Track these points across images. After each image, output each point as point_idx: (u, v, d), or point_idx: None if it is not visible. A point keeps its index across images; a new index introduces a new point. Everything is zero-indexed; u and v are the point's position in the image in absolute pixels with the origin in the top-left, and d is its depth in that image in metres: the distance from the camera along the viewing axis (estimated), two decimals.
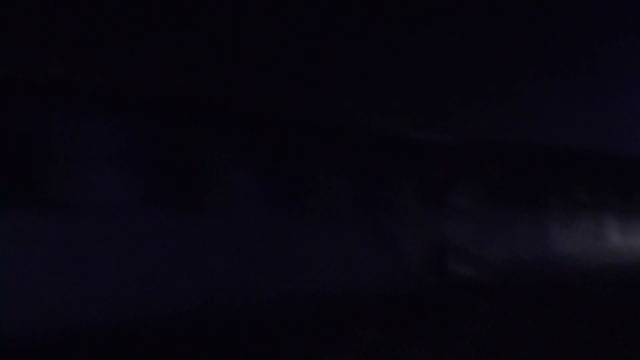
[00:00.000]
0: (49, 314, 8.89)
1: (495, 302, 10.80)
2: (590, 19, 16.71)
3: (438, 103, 14.35)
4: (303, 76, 12.28)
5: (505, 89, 15.54)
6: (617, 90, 18.69)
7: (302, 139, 12.65)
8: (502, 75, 15.20)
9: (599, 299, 12.04)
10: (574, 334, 9.25)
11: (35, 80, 9.20)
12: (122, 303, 9.65)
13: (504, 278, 13.75)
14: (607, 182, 20.88)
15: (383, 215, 13.63)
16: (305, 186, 12.53)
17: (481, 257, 15.42)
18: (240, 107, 11.58)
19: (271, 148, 12.22)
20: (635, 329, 9.66)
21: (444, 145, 15.45)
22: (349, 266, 12.71)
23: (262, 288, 11.17)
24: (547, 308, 10.69)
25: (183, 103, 10.74)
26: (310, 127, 12.83)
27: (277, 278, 11.49)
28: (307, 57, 12.17)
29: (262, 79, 11.63)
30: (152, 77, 10.26)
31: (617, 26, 17.83)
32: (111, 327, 9.19)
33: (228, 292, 10.74)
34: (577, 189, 19.68)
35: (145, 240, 10.08)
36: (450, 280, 13.80)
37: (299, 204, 12.34)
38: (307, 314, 10.24)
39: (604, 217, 20.78)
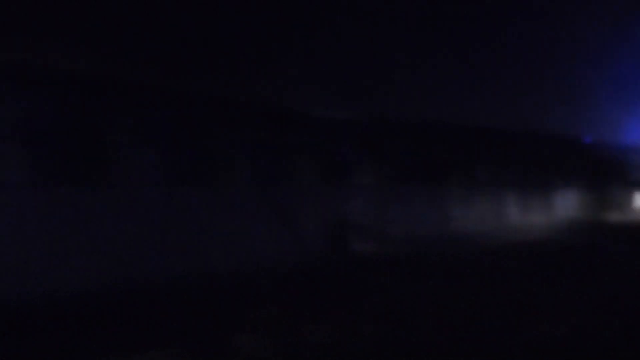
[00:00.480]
0: None
1: (395, 278, 10.95)
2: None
3: (340, 80, 14.39)
4: (207, 50, 12.14)
5: (407, 67, 15.68)
6: (519, 68, 19.10)
7: (203, 113, 12.52)
8: (403, 52, 15.33)
9: (497, 275, 12.31)
10: (470, 308, 9.45)
11: None
12: (18, 280, 9.47)
13: (405, 255, 13.93)
14: (508, 160, 21.31)
15: (284, 192, 13.63)
16: (205, 161, 12.42)
17: (382, 234, 15.58)
18: (142, 81, 11.38)
19: (172, 122, 12.07)
20: (531, 303, 9.93)
21: (346, 122, 15.50)
22: (249, 243, 12.67)
23: (158, 266, 11.05)
24: (445, 283, 10.87)
25: (83, 77, 10.51)
26: (211, 101, 12.70)
27: (174, 255, 11.38)
28: (211, 31, 12.03)
29: (165, 53, 11.46)
30: (52, 52, 10.01)
31: (520, 7, 18.17)
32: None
33: (121, 270, 10.59)
34: (477, 166, 20.01)
35: (41, 217, 9.91)
36: (352, 257, 13.90)
37: (198, 179, 12.23)
38: (205, 292, 10.16)
39: (504, 195, 21.20)
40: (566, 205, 24.74)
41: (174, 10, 11.47)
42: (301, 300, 9.51)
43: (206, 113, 12.63)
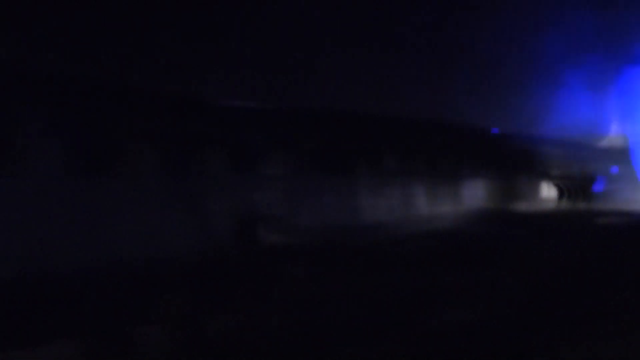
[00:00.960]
0: None
1: (303, 267, 10.99)
2: None
3: (247, 70, 14.37)
4: (112, 41, 11.99)
5: (314, 57, 15.74)
6: (430, 59, 19.35)
7: (108, 103, 12.35)
8: (311, 43, 15.40)
9: (404, 263, 12.49)
10: (378, 295, 9.58)
11: None
12: None
13: (313, 245, 13.97)
14: (416, 150, 21.51)
15: (192, 183, 13.53)
16: (110, 152, 12.24)
17: (291, 225, 15.60)
18: (45, 69, 11.18)
19: (77, 112, 11.87)
20: (438, 290, 10.14)
21: (254, 112, 15.47)
22: (156, 234, 12.54)
23: (61, 256, 10.85)
24: (353, 272, 10.97)
25: None
26: (117, 91, 12.54)
27: (78, 246, 11.19)
28: (118, 21, 11.90)
29: (69, 42, 11.27)
30: None
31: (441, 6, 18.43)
32: None
33: (22, 260, 10.38)
34: (386, 157, 20.15)
35: None
36: (261, 247, 13.89)
37: (103, 169, 12.06)
38: (111, 283, 10.01)
39: (414, 185, 21.42)
40: (474, 195, 25.17)
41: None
42: (208, 291, 9.49)
43: (112, 103, 12.47)
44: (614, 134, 47.94)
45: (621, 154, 45.98)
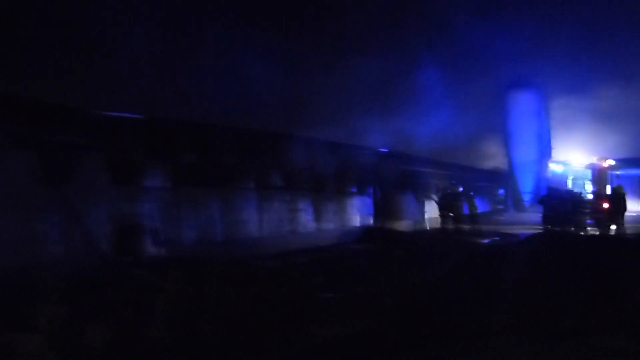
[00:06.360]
0: None
1: (183, 280, 11.20)
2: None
3: (127, 80, 14.39)
4: None
5: (197, 69, 15.86)
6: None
7: None
8: (197, 55, 15.58)
9: (285, 278, 12.78)
10: (254, 310, 9.88)
11: None
12: None
13: (194, 258, 14.11)
14: (301, 166, 21.77)
15: (70, 193, 13.47)
16: None
17: (173, 237, 15.71)
18: None
19: None
20: (317, 305, 10.56)
21: (135, 123, 15.53)
22: (33, 243, 12.46)
23: None
24: (232, 286, 11.20)
25: None
26: None
27: None
28: None
29: None
30: None
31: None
32: None
33: None
34: (272, 172, 20.42)
35: None
36: (141, 259, 13.96)
37: None
38: None
39: (298, 202, 21.70)
40: (357, 211, 25.62)
41: None
42: (85, 301, 9.57)
43: None
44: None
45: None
